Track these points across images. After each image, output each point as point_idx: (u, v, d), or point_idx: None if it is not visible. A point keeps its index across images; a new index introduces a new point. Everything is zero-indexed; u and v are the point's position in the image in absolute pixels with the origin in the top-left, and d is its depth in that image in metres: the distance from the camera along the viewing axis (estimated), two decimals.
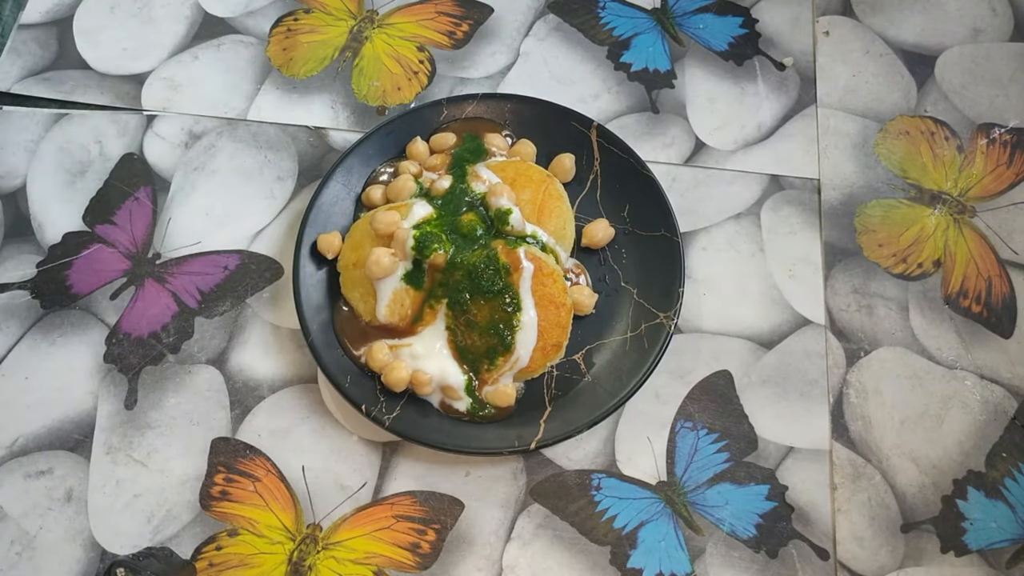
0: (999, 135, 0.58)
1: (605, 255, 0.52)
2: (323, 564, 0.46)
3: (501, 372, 0.47)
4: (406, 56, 0.61)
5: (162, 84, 0.60)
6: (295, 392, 0.50)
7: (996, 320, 0.52)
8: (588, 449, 0.49)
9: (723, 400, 0.50)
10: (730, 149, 0.57)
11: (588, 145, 0.54)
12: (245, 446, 0.49)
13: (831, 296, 0.53)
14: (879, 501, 0.48)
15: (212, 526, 0.47)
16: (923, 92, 0.60)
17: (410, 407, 0.48)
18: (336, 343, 0.49)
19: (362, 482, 0.48)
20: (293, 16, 0.63)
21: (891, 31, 0.62)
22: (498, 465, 0.48)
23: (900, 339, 0.52)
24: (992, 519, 0.47)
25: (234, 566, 0.46)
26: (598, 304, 0.51)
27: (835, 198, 0.56)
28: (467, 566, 0.46)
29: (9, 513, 0.47)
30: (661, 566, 0.46)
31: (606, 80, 0.60)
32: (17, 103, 0.59)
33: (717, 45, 0.61)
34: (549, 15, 0.63)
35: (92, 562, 0.46)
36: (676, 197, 0.54)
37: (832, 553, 0.46)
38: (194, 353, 0.51)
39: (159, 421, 0.49)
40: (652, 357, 0.48)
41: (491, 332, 0.47)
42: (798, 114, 0.59)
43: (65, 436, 0.49)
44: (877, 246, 0.54)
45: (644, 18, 0.63)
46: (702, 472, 0.48)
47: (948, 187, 0.56)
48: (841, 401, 0.50)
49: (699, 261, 0.54)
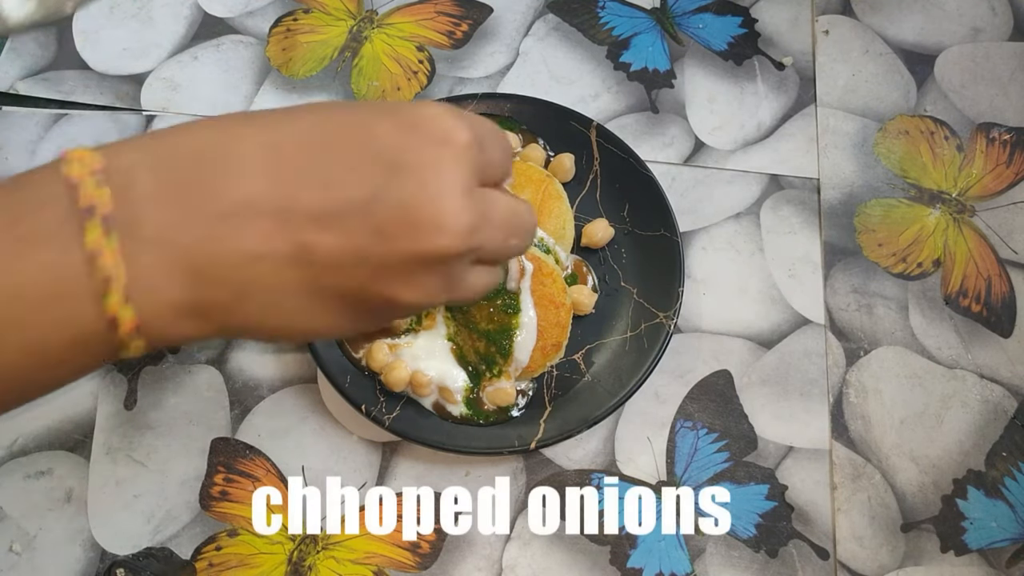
0: (999, 134, 0.58)
1: (605, 255, 0.52)
2: (323, 564, 0.46)
3: (504, 375, 0.47)
4: (405, 56, 0.61)
5: (162, 84, 0.60)
6: (295, 392, 0.50)
7: (996, 319, 0.52)
8: (588, 449, 0.49)
9: (723, 400, 0.50)
10: (729, 149, 0.57)
11: (587, 145, 0.54)
12: (245, 446, 0.49)
13: (831, 296, 0.53)
14: (879, 500, 0.48)
15: (212, 526, 0.47)
16: (923, 91, 0.60)
17: (410, 407, 0.48)
18: (336, 343, 0.49)
19: (362, 482, 0.48)
20: (292, 16, 0.63)
21: (891, 30, 0.62)
22: (498, 465, 0.48)
23: (900, 339, 0.52)
24: (992, 518, 0.47)
25: (234, 566, 0.46)
26: (598, 304, 0.51)
27: (835, 198, 0.56)
28: (467, 566, 0.46)
29: (9, 513, 0.47)
30: (661, 566, 0.46)
31: (606, 80, 0.60)
32: (17, 103, 0.59)
33: (716, 45, 0.61)
34: (548, 15, 0.63)
35: (92, 562, 0.46)
36: (676, 197, 0.54)
37: (832, 553, 0.46)
38: (194, 353, 0.51)
39: (159, 421, 0.49)
40: (652, 357, 0.48)
41: (491, 332, 0.47)
42: (798, 114, 0.59)
43: (65, 436, 0.49)
44: (877, 245, 0.54)
45: (643, 18, 0.63)
46: (702, 472, 0.48)
47: (948, 186, 0.56)
48: (841, 401, 0.50)
49: (699, 261, 0.54)
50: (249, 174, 0.27)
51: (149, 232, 0.26)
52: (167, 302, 0.27)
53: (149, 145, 0.28)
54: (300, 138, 0.28)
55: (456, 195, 0.28)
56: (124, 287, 0.26)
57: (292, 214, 0.27)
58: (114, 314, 0.26)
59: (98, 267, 0.25)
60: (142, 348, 0.27)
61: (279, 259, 0.27)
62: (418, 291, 0.29)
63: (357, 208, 0.27)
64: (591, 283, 0.51)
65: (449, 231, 0.28)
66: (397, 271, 0.28)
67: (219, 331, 0.29)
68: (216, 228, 0.27)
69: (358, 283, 0.28)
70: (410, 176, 0.27)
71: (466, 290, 0.31)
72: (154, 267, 0.26)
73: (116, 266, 0.25)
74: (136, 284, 0.26)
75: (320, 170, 0.27)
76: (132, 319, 0.26)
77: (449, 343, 0.48)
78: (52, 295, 0.25)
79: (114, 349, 0.27)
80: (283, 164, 0.27)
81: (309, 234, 0.27)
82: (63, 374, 0.28)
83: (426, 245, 0.27)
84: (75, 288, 0.25)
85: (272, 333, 0.29)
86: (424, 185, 0.27)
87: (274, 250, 0.27)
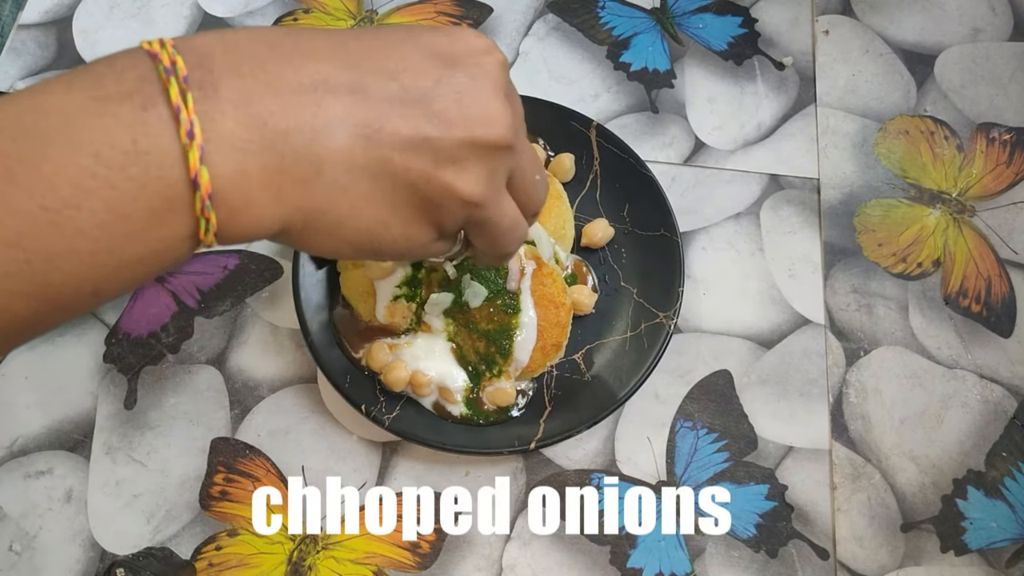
0: (999, 135, 0.58)
1: (605, 255, 0.52)
2: (323, 564, 0.46)
3: (504, 375, 0.47)
4: None
5: None
6: (295, 392, 0.50)
7: (996, 319, 0.52)
8: (588, 449, 0.49)
9: (723, 400, 0.50)
10: (730, 149, 0.57)
11: (588, 145, 0.54)
12: (245, 446, 0.49)
13: (831, 295, 0.53)
14: (879, 500, 0.48)
15: (212, 526, 0.47)
16: (923, 91, 0.60)
17: (410, 407, 0.48)
18: (336, 343, 0.49)
19: (362, 482, 0.48)
20: (292, 16, 0.63)
21: (891, 30, 0.62)
22: (498, 465, 0.48)
23: (900, 338, 0.52)
24: (992, 518, 0.47)
25: (234, 566, 0.46)
26: (598, 304, 0.51)
27: (835, 197, 0.56)
28: (467, 566, 0.46)
29: (9, 513, 0.47)
30: (661, 566, 0.46)
31: (606, 80, 0.60)
32: None
33: (717, 45, 0.61)
34: (548, 15, 0.63)
35: (92, 562, 0.46)
36: (676, 197, 0.54)
37: (832, 553, 0.46)
38: (194, 353, 0.51)
39: (159, 421, 0.49)
40: (652, 357, 0.48)
41: (491, 332, 0.47)
42: (798, 113, 0.59)
43: (65, 436, 0.49)
44: (877, 245, 0.54)
45: (644, 18, 0.63)
46: (702, 472, 0.48)
47: (948, 186, 0.56)
48: (841, 400, 0.50)
49: (699, 261, 0.54)
50: (323, 59, 0.29)
51: (227, 95, 0.27)
52: (242, 170, 0.27)
53: (220, 33, 0.29)
54: (364, 41, 0.31)
55: (500, 92, 0.31)
56: (200, 146, 0.26)
57: (363, 95, 0.29)
58: (195, 171, 0.26)
59: (180, 122, 0.25)
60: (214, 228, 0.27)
61: (351, 135, 0.28)
62: (470, 180, 0.31)
63: (419, 95, 0.30)
64: (591, 283, 0.51)
65: (498, 120, 0.31)
66: (453, 157, 0.30)
67: (288, 215, 0.29)
68: (293, 99, 0.28)
69: (420, 168, 0.30)
70: (463, 72, 0.31)
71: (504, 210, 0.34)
72: (232, 130, 0.27)
73: (195, 123, 0.26)
74: (213, 145, 0.26)
75: (384, 63, 0.30)
76: (208, 183, 0.26)
77: (449, 343, 0.48)
78: (135, 152, 0.25)
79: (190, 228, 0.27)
80: (351, 56, 0.30)
81: (378, 112, 0.29)
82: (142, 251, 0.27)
83: (480, 131, 0.30)
84: (158, 143, 0.25)
85: (336, 225, 0.30)
86: (475, 80, 0.31)
87: (347, 125, 0.28)
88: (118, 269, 0.27)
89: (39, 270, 0.25)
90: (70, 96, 0.25)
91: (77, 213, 0.25)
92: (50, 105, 0.25)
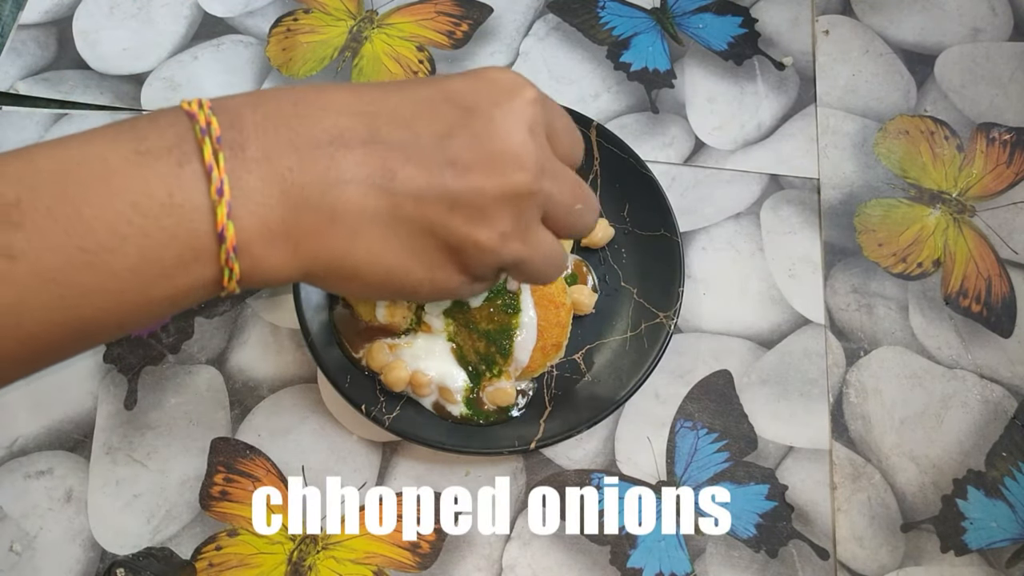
0: (999, 135, 0.58)
1: (605, 255, 0.52)
2: (323, 564, 0.46)
3: (504, 375, 0.47)
4: (406, 56, 0.61)
5: (162, 84, 0.60)
6: (295, 392, 0.50)
7: (996, 319, 0.52)
8: (588, 449, 0.49)
9: (723, 400, 0.50)
10: (730, 149, 0.57)
11: (588, 145, 0.54)
12: (245, 446, 0.49)
13: (831, 295, 0.53)
14: (879, 500, 0.48)
15: (212, 526, 0.47)
16: (923, 91, 0.60)
17: (410, 407, 0.48)
18: (336, 343, 0.49)
19: (362, 482, 0.48)
20: (293, 16, 0.63)
21: (891, 30, 0.62)
22: (498, 465, 0.48)
23: (900, 339, 0.52)
24: (992, 518, 0.47)
25: (234, 566, 0.46)
26: (598, 304, 0.51)
27: (835, 197, 0.56)
28: (467, 566, 0.46)
29: (9, 513, 0.47)
30: (661, 566, 0.46)
31: (606, 80, 0.60)
32: (17, 103, 0.59)
33: (717, 45, 0.61)
34: (549, 15, 0.63)
35: (92, 562, 0.46)
36: (676, 197, 0.54)
37: (832, 553, 0.46)
38: (194, 353, 0.51)
39: (159, 421, 0.49)
40: (652, 357, 0.48)
41: (491, 332, 0.47)
42: (798, 113, 0.59)
43: (65, 436, 0.49)
44: (877, 245, 0.54)
45: (644, 18, 0.63)
46: (702, 472, 0.48)
47: (948, 186, 0.56)
48: (841, 401, 0.50)
49: (699, 261, 0.54)
50: (341, 112, 0.30)
51: (253, 154, 0.28)
52: (264, 223, 0.29)
53: (252, 94, 0.31)
54: (385, 91, 0.31)
55: (523, 132, 0.31)
56: (228, 203, 0.28)
57: (377, 145, 0.30)
58: (222, 225, 0.28)
59: (212, 179, 0.27)
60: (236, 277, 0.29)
61: (364, 184, 0.29)
62: (491, 229, 0.31)
63: (434, 142, 0.30)
64: (591, 283, 0.51)
65: (518, 164, 0.30)
66: (472, 206, 0.30)
67: (307, 264, 0.30)
68: (309, 154, 0.29)
69: (436, 216, 0.30)
70: (482, 115, 0.31)
71: (535, 248, 0.33)
72: (256, 187, 0.28)
73: (224, 182, 0.28)
74: (239, 201, 0.28)
75: (401, 112, 0.31)
76: (233, 236, 0.28)
77: (449, 343, 0.48)
78: (169, 204, 0.27)
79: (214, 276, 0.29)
80: (369, 107, 0.31)
81: (391, 162, 0.30)
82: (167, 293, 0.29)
83: (498, 178, 0.30)
84: (190, 197, 0.27)
85: (355, 272, 0.31)
86: (493, 123, 0.30)
87: (360, 175, 0.29)
88: (143, 307, 0.29)
89: (71, 304, 0.27)
90: (115, 147, 0.28)
91: (111, 256, 0.27)
92: (95, 153, 0.28)
